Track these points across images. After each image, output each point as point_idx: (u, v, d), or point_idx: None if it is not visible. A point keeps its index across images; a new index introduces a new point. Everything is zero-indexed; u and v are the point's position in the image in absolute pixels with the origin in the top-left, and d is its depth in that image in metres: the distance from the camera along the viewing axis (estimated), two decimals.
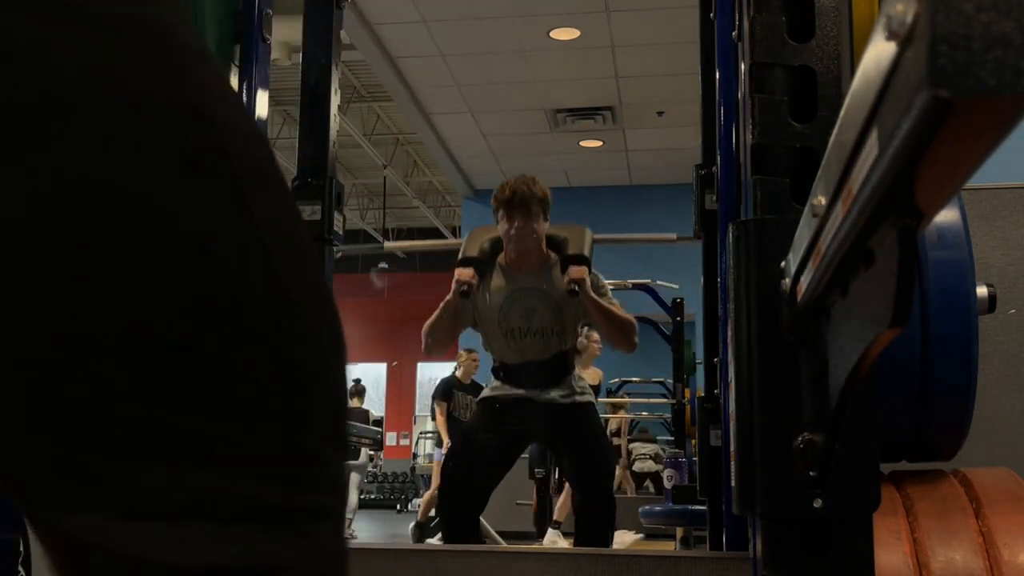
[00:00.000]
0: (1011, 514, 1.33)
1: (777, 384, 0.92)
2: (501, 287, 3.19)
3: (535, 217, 3.13)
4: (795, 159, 0.99)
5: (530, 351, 3.18)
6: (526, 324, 3.16)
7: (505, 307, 3.17)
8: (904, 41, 0.38)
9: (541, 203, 3.17)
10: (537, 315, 3.16)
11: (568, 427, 3.20)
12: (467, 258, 3.20)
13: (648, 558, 2.12)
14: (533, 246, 3.15)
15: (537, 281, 3.17)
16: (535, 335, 3.16)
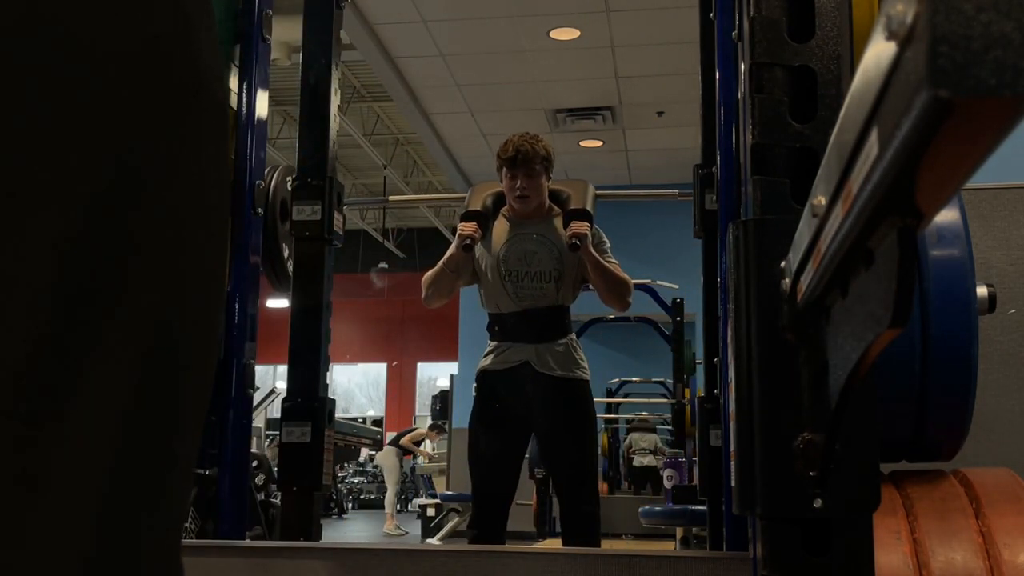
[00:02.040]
0: (1011, 514, 1.33)
1: (777, 384, 0.92)
2: (503, 232, 3.21)
3: (538, 175, 3.16)
4: (795, 159, 0.99)
5: (527, 295, 3.16)
6: (524, 267, 3.17)
7: (505, 249, 3.19)
8: (904, 41, 0.38)
9: (544, 161, 3.19)
10: (536, 258, 3.17)
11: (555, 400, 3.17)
12: (470, 212, 3.20)
13: (648, 558, 2.12)
14: (536, 203, 3.17)
15: (538, 228, 3.20)
16: (533, 278, 3.17)
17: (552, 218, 3.21)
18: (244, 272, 2.48)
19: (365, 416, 16.98)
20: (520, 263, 3.17)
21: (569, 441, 3.21)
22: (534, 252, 3.18)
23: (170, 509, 0.49)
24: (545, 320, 3.17)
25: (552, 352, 3.15)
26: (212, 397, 2.55)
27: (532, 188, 3.14)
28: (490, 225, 3.22)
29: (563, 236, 3.11)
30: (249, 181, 2.44)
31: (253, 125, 2.46)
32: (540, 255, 3.17)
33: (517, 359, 3.17)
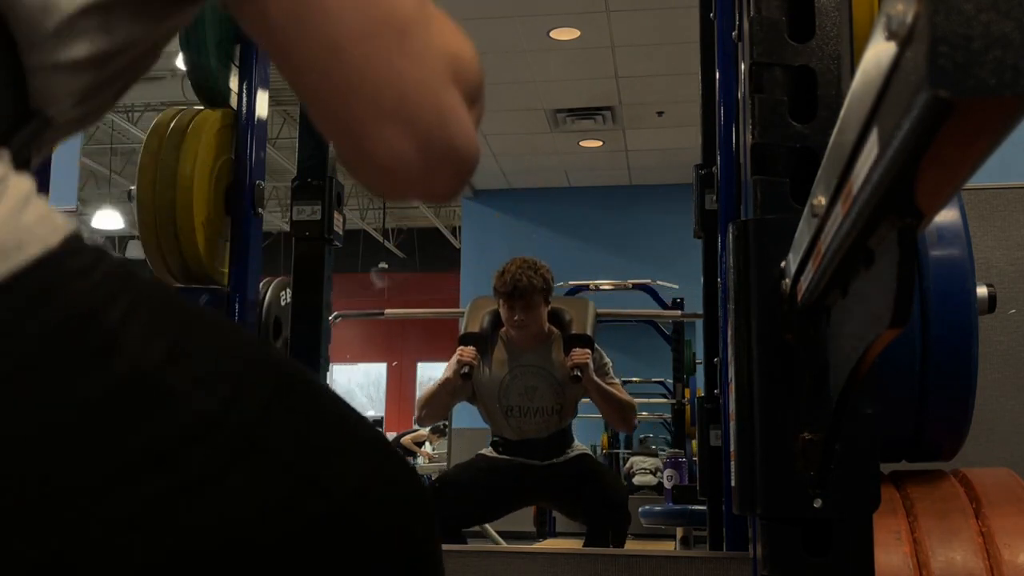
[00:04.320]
0: (1011, 514, 1.33)
1: (777, 384, 0.92)
2: (502, 363, 3.17)
3: (536, 306, 3.09)
4: (795, 159, 0.99)
5: (529, 428, 3.15)
6: (526, 402, 3.14)
7: (505, 384, 3.15)
8: (904, 41, 0.38)
9: (543, 292, 3.12)
10: (538, 393, 3.13)
11: (568, 475, 3.16)
12: (468, 335, 3.18)
13: (648, 558, 2.12)
14: (535, 331, 3.13)
15: (538, 359, 3.14)
16: (535, 413, 3.14)
17: (552, 343, 3.16)
18: (244, 272, 2.48)
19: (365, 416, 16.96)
20: (521, 398, 3.14)
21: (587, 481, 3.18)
22: (535, 387, 3.14)
23: None
24: (549, 445, 3.17)
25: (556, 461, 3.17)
26: None
27: (531, 319, 3.09)
28: (488, 347, 3.18)
29: (563, 364, 3.07)
30: (249, 181, 2.44)
31: (253, 125, 2.46)
32: (541, 390, 3.13)
33: (520, 460, 3.18)
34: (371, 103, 0.61)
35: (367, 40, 0.60)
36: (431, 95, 0.62)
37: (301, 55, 0.61)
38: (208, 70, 2.43)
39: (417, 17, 0.63)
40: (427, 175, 0.63)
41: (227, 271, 2.50)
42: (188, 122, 2.38)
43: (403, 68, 0.61)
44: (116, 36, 0.62)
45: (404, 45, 0.61)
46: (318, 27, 0.60)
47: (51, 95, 0.60)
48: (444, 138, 0.63)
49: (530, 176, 9.29)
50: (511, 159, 9.05)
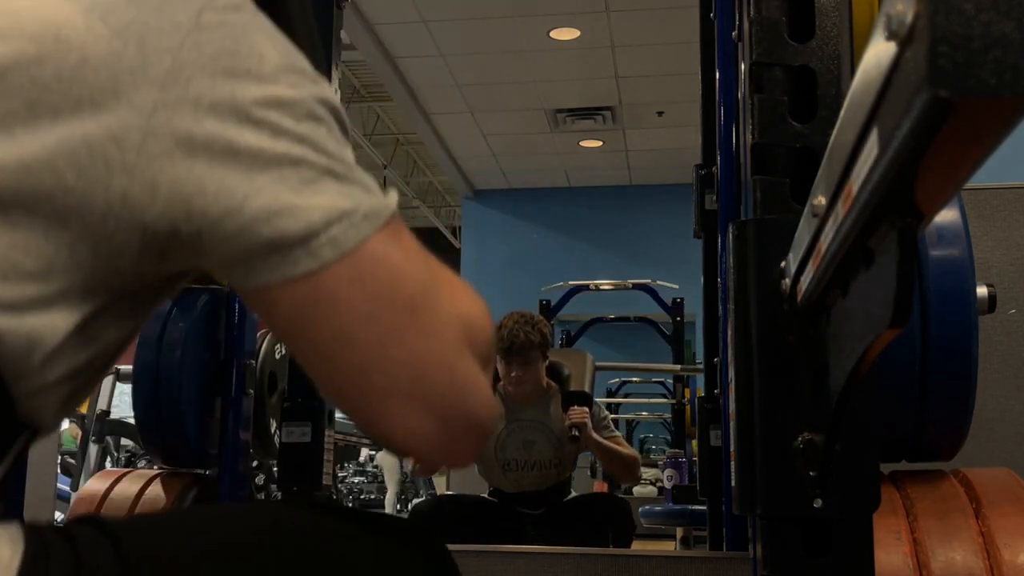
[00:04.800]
0: (1011, 514, 1.33)
1: (777, 384, 0.92)
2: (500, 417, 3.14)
3: (534, 362, 3.07)
4: (795, 159, 0.99)
5: (527, 482, 3.14)
6: (524, 457, 3.13)
7: (502, 439, 3.13)
8: (904, 41, 0.38)
9: (541, 348, 3.09)
10: (536, 448, 3.12)
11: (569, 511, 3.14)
12: None
13: (648, 558, 2.12)
14: (532, 387, 3.11)
15: (536, 413, 3.13)
16: (533, 467, 3.13)
17: (550, 398, 3.14)
18: None
19: None
20: (519, 452, 3.13)
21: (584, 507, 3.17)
22: (533, 442, 3.12)
23: None
24: (546, 497, 3.15)
25: None
26: (212, 397, 2.54)
27: (529, 375, 3.08)
28: None
29: (562, 420, 3.06)
30: None
31: None
32: (539, 444, 3.12)
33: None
34: (386, 384, 0.61)
35: (377, 323, 0.60)
36: (447, 369, 0.62)
37: (311, 343, 0.61)
38: None
39: (425, 288, 0.63)
40: (448, 448, 0.64)
41: None
42: None
43: (416, 346, 0.61)
44: (100, 342, 0.62)
45: (415, 322, 0.61)
46: (327, 317, 0.60)
47: (38, 410, 0.60)
48: (462, 410, 0.63)
49: (530, 176, 9.28)
50: (511, 159, 9.05)
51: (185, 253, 0.61)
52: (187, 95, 0.58)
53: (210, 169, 0.58)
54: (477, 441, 0.65)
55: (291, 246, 0.59)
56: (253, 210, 0.58)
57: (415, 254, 0.64)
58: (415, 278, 0.63)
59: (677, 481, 4.83)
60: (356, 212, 0.61)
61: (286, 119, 0.60)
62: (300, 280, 0.59)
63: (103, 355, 0.63)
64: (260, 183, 0.59)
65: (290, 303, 0.60)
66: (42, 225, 0.57)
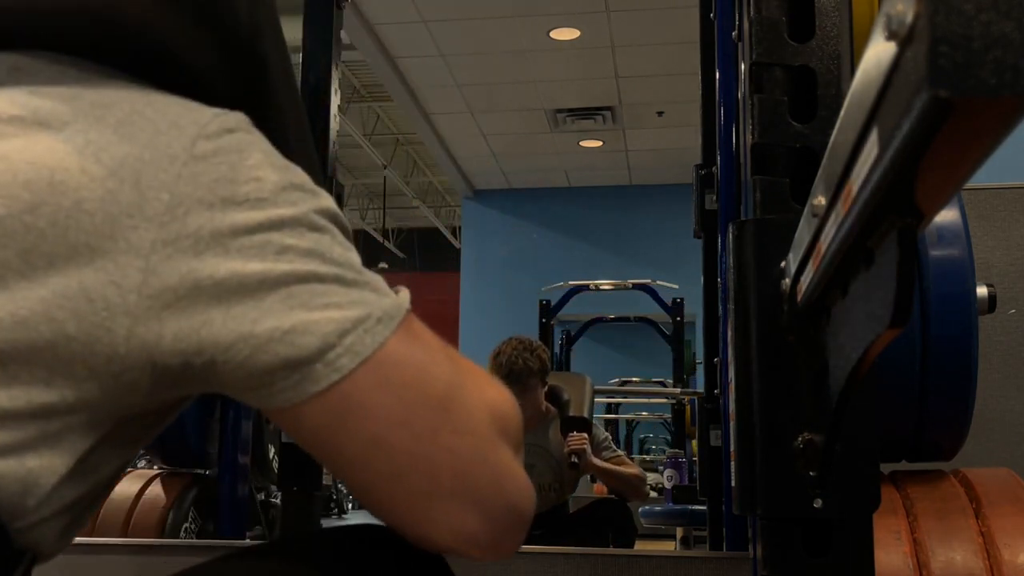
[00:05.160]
0: (1011, 514, 1.33)
1: (777, 384, 0.92)
2: None
3: (532, 388, 3.08)
4: (795, 159, 0.99)
5: None
6: None
7: None
8: (904, 41, 0.38)
9: (539, 374, 3.10)
10: (535, 472, 3.12)
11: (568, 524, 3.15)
12: None
13: (648, 558, 2.12)
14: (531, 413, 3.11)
15: (536, 438, 3.13)
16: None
17: (549, 423, 3.14)
18: None
19: None
20: None
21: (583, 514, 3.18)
22: (532, 466, 3.12)
23: None
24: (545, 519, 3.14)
25: None
26: (212, 397, 2.55)
27: (527, 402, 3.07)
28: None
29: (561, 444, 3.06)
30: None
31: None
32: (539, 468, 3.12)
33: None
34: (427, 485, 0.60)
35: (409, 426, 0.60)
36: (485, 463, 0.62)
37: (344, 454, 0.61)
38: None
39: (451, 384, 0.63)
40: (495, 542, 0.63)
41: None
42: None
43: (452, 443, 0.61)
44: (98, 474, 0.61)
45: (448, 420, 0.61)
46: (357, 426, 0.59)
47: (37, 542, 0.59)
48: (505, 502, 0.63)
49: (530, 176, 9.28)
50: (511, 159, 9.05)
51: (199, 382, 0.60)
52: (186, 230, 0.57)
53: (216, 301, 0.57)
54: (521, 530, 0.65)
55: (309, 362, 0.58)
56: (266, 331, 0.58)
57: (437, 350, 0.63)
58: (440, 376, 0.62)
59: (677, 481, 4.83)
60: (370, 318, 0.60)
61: (288, 237, 0.59)
62: (324, 394, 0.58)
63: (99, 487, 0.62)
64: (268, 304, 0.58)
65: (319, 417, 0.59)
66: (44, 375, 0.56)
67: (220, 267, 0.57)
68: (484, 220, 9.61)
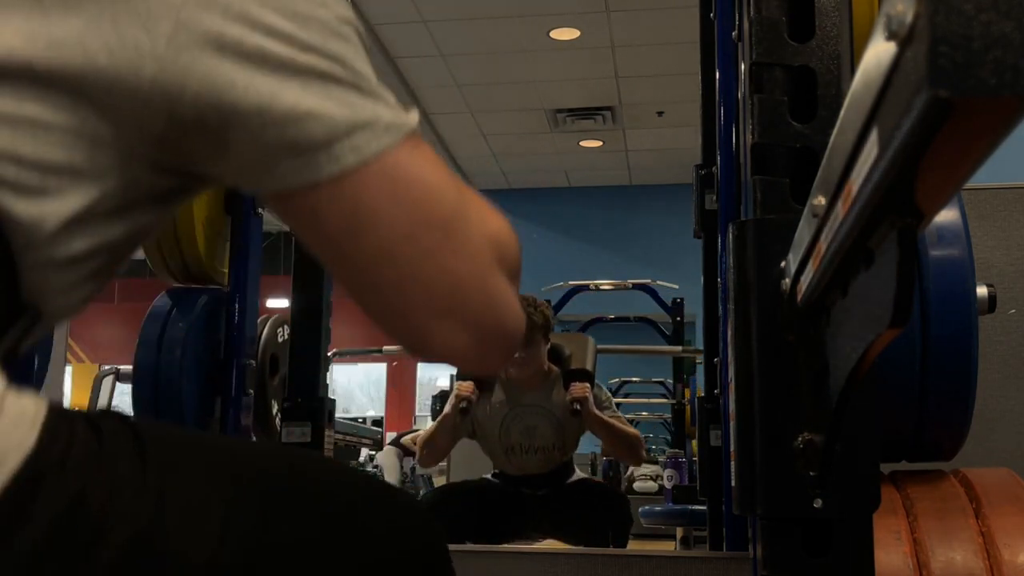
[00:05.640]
0: (1011, 514, 1.33)
1: (777, 384, 0.92)
2: (502, 402, 3.16)
3: (536, 344, 3.07)
4: (795, 159, 0.99)
5: (531, 466, 3.16)
6: (527, 441, 3.14)
7: (506, 424, 3.15)
8: (904, 41, 0.38)
9: (542, 330, 3.09)
10: (538, 432, 3.13)
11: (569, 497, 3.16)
12: None
13: (648, 558, 2.12)
14: (534, 368, 3.12)
15: (538, 398, 3.14)
16: (536, 452, 3.15)
17: (552, 383, 3.15)
18: (244, 272, 2.48)
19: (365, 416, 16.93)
20: (522, 437, 3.14)
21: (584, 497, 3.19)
22: (535, 427, 3.13)
23: None
24: (549, 479, 3.18)
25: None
26: (212, 397, 2.54)
27: (530, 356, 3.07)
28: (487, 383, 3.17)
29: (563, 401, 3.07)
30: None
31: None
32: (542, 429, 3.13)
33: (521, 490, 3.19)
34: (424, 300, 0.64)
35: (415, 242, 0.63)
36: (480, 287, 0.66)
37: (351, 261, 0.64)
38: None
39: (457, 210, 0.66)
40: (482, 358, 0.68)
41: (227, 271, 2.49)
42: None
43: (451, 265, 0.64)
44: (103, 235, 0.63)
45: (450, 241, 0.64)
46: (367, 234, 0.63)
47: (43, 290, 0.61)
48: (495, 325, 0.67)
49: (530, 176, 9.28)
50: (511, 159, 9.05)
51: (205, 151, 0.62)
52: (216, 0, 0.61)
53: (240, 67, 0.60)
54: (508, 352, 0.70)
55: (313, 150, 0.61)
56: (281, 109, 0.60)
57: (444, 175, 0.66)
58: (446, 199, 0.65)
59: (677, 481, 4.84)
60: (378, 123, 0.63)
61: (314, 35, 0.62)
62: (324, 187, 0.61)
63: (102, 251, 0.64)
64: (288, 86, 0.61)
65: (330, 216, 0.62)
66: (70, 99, 0.59)
67: (247, 38, 0.60)
68: None
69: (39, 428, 0.52)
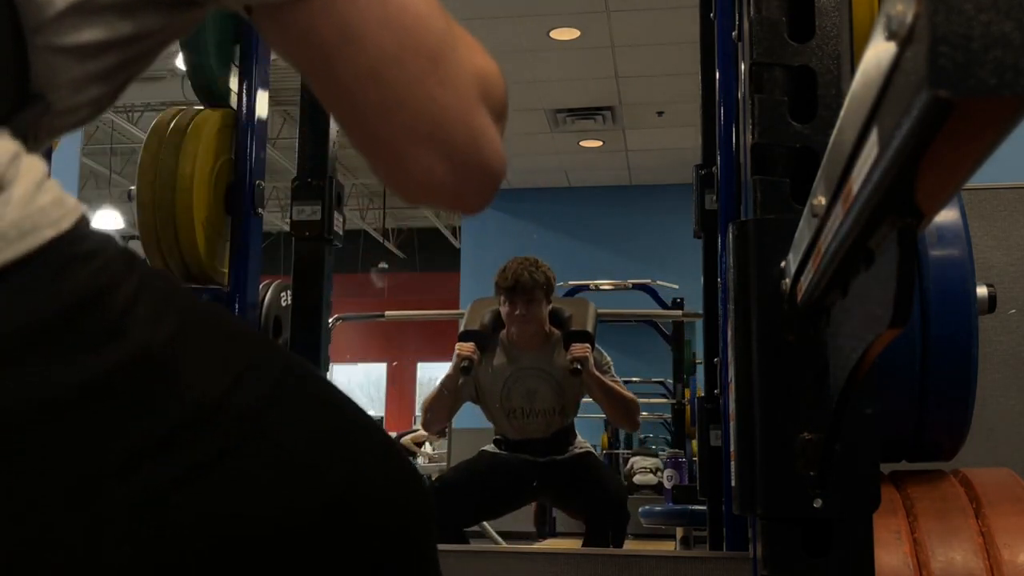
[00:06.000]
0: (1011, 514, 1.33)
1: (777, 384, 0.92)
2: (503, 365, 3.18)
3: (537, 303, 3.11)
4: (795, 159, 0.99)
5: (532, 429, 3.18)
6: (528, 404, 3.16)
7: (507, 386, 3.17)
8: (904, 41, 0.38)
9: (544, 288, 3.13)
10: (539, 395, 3.15)
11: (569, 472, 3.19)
12: (468, 332, 3.19)
13: (648, 558, 2.12)
14: (535, 328, 3.14)
15: (539, 360, 3.15)
16: (537, 415, 3.16)
17: (552, 345, 3.17)
18: (244, 272, 2.48)
19: None
20: (523, 400, 3.16)
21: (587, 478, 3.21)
22: (535, 389, 3.15)
23: None
24: (551, 443, 3.19)
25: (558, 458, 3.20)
26: None
27: (532, 315, 3.10)
28: (489, 346, 3.18)
29: (564, 364, 3.09)
30: (249, 181, 2.44)
31: (253, 125, 2.46)
32: (542, 392, 3.15)
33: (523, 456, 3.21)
34: (408, 126, 0.64)
35: (402, 67, 0.63)
36: (463, 118, 0.66)
37: (340, 81, 0.64)
38: (208, 70, 2.43)
39: (445, 42, 0.66)
40: (460, 192, 0.68)
41: (227, 271, 2.49)
42: (188, 122, 2.38)
43: (436, 94, 0.64)
44: (115, 30, 0.63)
45: (436, 71, 0.64)
46: (355, 53, 0.62)
47: (53, 80, 0.61)
48: (476, 158, 0.67)
49: (530, 176, 9.28)
50: (511, 159, 8.88)
51: None
52: None
53: None
54: (487, 190, 0.69)
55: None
56: None
57: (435, 6, 0.66)
58: (436, 29, 0.65)
59: (677, 481, 4.83)
60: None
61: None
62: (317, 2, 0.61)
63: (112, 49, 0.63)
64: None
65: (318, 29, 0.62)
66: None
67: None
68: (484, 220, 9.60)
69: (76, 218, 0.52)
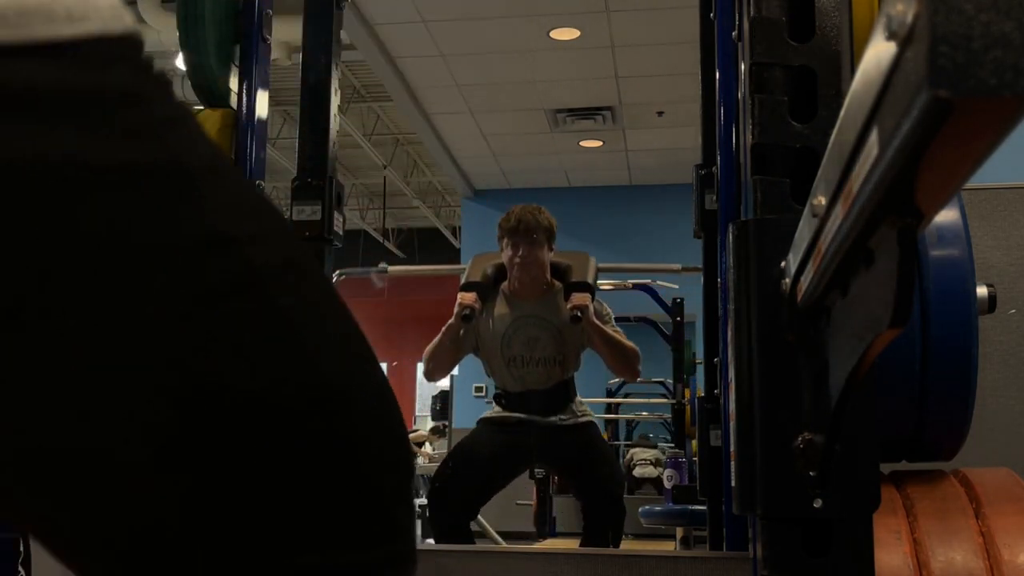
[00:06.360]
0: (1011, 514, 1.33)
1: (777, 384, 0.92)
2: (504, 315, 3.19)
3: (539, 245, 3.14)
4: (795, 159, 0.99)
5: (532, 380, 3.19)
6: (528, 353, 3.17)
7: (508, 335, 3.18)
8: (904, 41, 0.38)
9: (546, 231, 3.18)
10: (539, 344, 3.16)
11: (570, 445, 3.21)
12: (470, 283, 3.21)
13: (648, 558, 2.12)
14: (537, 274, 3.16)
15: (540, 309, 3.18)
16: (537, 364, 3.17)
17: (553, 295, 3.19)
18: None
19: None
20: (523, 348, 3.17)
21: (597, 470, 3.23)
22: (536, 338, 3.17)
23: None
24: (551, 397, 3.21)
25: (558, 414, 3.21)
26: None
27: (533, 257, 3.13)
28: (490, 297, 3.20)
29: (564, 312, 3.11)
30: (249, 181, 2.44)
31: (253, 125, 2.46)
32: (543, 340, 3.16)
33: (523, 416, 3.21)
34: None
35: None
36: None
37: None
38: (208, 70, 2.43)
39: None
40: None
41: None
42: None
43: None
44: None
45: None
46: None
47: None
48: None
49: (530, 176, 9.29)
50: (511, 159, 9.05)
51: None
52: None
53: None
54: None
55: None
56: None
57: None
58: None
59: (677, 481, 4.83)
60: None
61: None
62: None
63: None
64: None
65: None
66: None
67: None
68: (484, 220, 9.59)
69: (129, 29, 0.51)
